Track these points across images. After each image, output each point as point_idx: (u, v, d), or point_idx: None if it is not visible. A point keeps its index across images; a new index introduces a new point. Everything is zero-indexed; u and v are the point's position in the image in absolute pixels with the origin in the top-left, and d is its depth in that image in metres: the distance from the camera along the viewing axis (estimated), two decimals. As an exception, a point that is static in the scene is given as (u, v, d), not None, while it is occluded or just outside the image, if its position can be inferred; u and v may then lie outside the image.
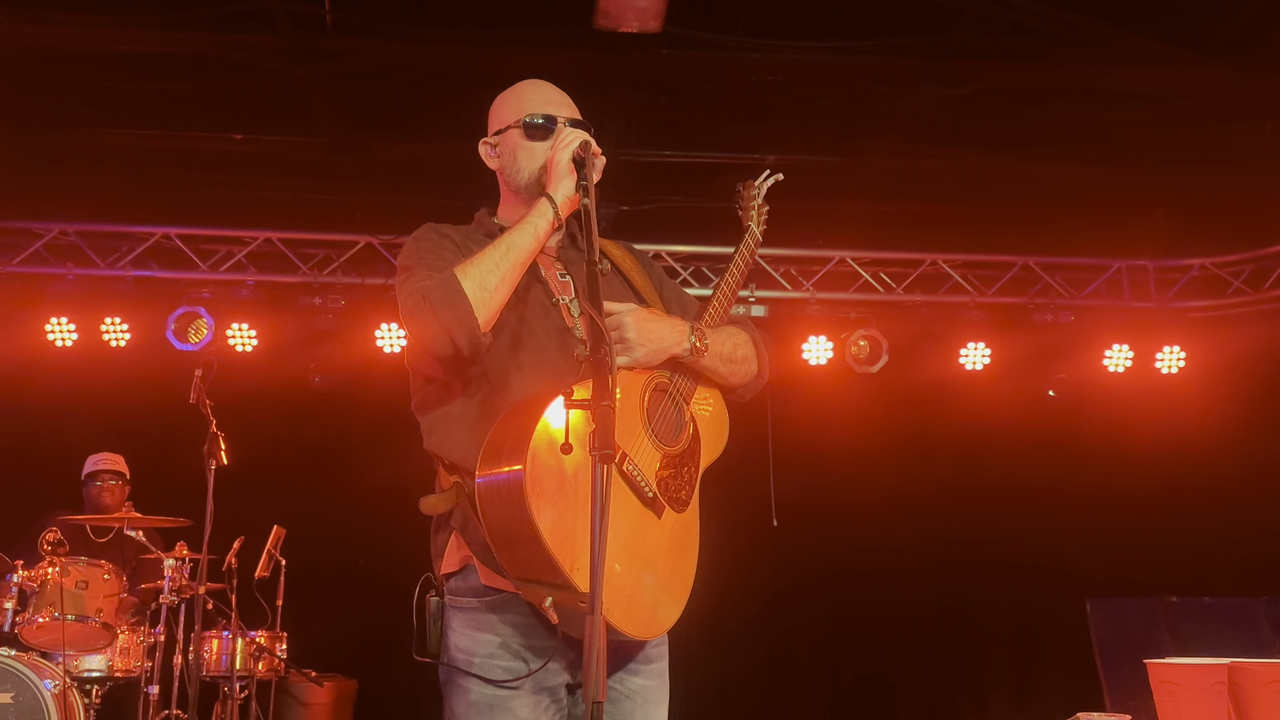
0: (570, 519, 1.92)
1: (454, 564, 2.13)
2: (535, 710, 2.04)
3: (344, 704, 6.07)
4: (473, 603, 2.09)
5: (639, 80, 5.17)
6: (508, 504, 1.91)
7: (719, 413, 2.30)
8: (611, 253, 2.38)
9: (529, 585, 1.94)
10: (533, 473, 1.89)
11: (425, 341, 2.03)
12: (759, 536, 6.21)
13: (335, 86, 5.24)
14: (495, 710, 2.03)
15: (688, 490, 2.15)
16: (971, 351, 6.53)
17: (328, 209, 6.41)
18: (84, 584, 4.88)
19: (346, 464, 6.37)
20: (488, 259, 2.05)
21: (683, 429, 2.19)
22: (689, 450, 2.18)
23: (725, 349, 2.26)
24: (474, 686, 2.04)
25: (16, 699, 4.38)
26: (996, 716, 6.16)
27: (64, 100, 5.44)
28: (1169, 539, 6.27)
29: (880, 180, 6.04)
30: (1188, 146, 5.70)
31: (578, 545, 1.90)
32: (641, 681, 2.16)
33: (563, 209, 2.12)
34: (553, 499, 1.91)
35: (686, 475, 2.16)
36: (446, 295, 2.00)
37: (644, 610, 2.02)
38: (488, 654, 2.06)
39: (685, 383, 2.22)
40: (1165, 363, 6.52)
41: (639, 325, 2.12)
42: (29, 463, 6.23)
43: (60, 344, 6.23)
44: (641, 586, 2.02)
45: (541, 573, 1.91)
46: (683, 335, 2.17)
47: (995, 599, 6.66)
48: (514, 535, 1.93)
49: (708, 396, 2.28)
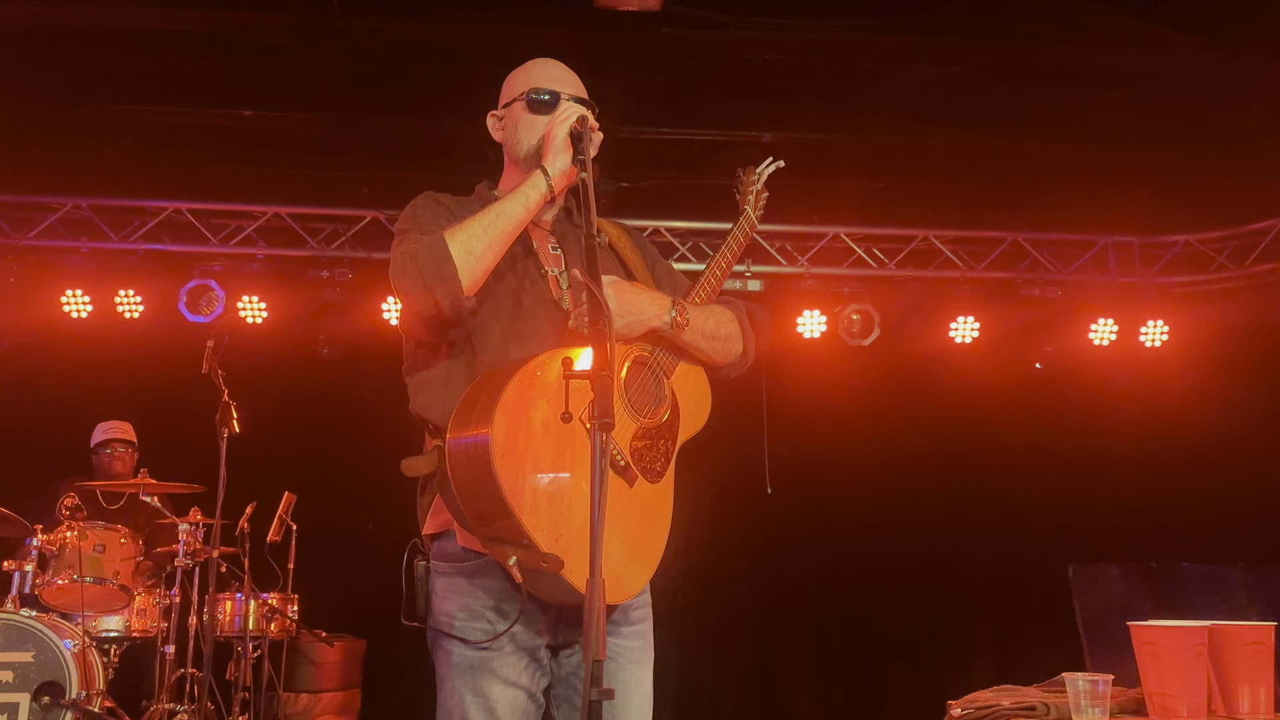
0: (534, 483, 1.94)
1: (434, 526, 2.18)
2: (517, 670, 2.09)
3: (354, 663, 6.17)
4: (453, 569, 2.13)
5: (639, 58, 5.19)
6: (474, 465, 1.94)
7: (700, 390, 2.30)
8: (606, 230, 2.40)
9: (495, 545, 1.97)
10: (497, 435, 1.91)
11: (410, 301, 2.07)
12: (753, 503, 6.34)
13: (342, 64, 5.28)
14: (477, 670, 2.08)
15: (663, 463, 2.16)
16: (961, 325, 6.64)
17: (335, 184, 6.47)
18: (101, 547, 5.00)
19: (354, 432, 6.47)
20: (477, 224, 2.07)
21: (661, 403, 2.19)
22: (667, 424, 2.19)
23: (708, 326, 2.26)
24: (455, 648, 2.10)
25: (38, 658, 4.47)
26: (981, 678, 6.28)
27: (76, 77, 5.47)
28: (1149, 508, 6.39)
29: (874, 157, 6.09)
30: (1174, 126, 5.76)
31: (540, 507, 1.94)
32: (624, 643, 2.19)
33: (556, 182, 2.14)
34: (518, 463, 1.93)
35: (662, 448, 2.16)
36: (433, 256, 2.03)
37: (610, 574, 1.96)
38: (467, 617, 2.10)
39: (667, 357, 2.24)
40: (1149, 337, 6.62)
41: (619, 296, 2.13)
42: (47, 430, 6.31)
43: (76, 315, 6.31)
44: (608, 551, 1.97)
45: (506, 534, 1.94)
46: (663, 309, 2.18)
47: (981, 565, 6.77)
48: (480, 495, 1.95)
49: (690, 373, 2.28)
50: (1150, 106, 5.60)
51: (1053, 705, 2.53)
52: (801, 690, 6.80)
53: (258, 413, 5.34)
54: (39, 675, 4.44)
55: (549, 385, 2.00)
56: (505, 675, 2.08)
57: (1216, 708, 2.56)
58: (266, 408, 5.68)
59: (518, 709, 2.09)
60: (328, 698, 6.01)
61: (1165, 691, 2.47)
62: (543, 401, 1.99)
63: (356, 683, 6.23)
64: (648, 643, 2.26)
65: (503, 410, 1.93)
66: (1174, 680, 2.46)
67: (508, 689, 2.08)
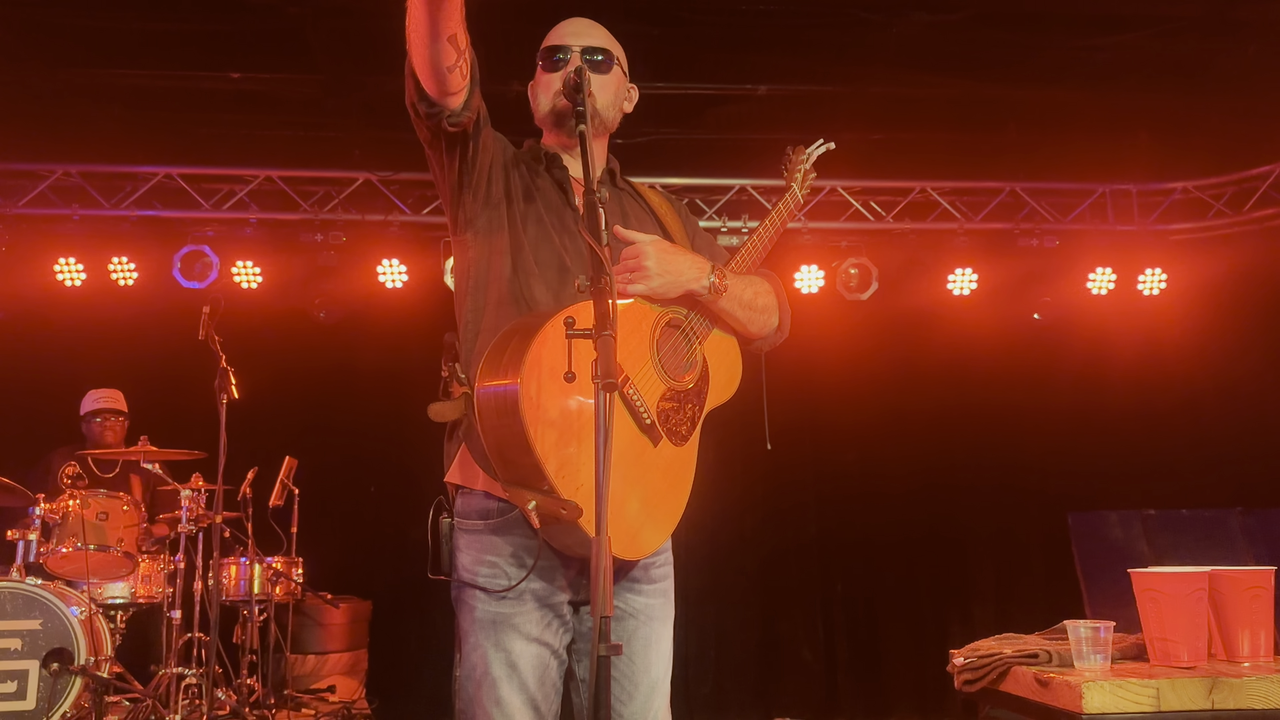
0: (559, 431, 1.96)
1: (459, 477, 2.19)
2: (539, 626, 2.10)
3: (359, 623, 6.23)
4: (478, 524, 2.15)
5: (630, 11, 5.12)
6: (503, 414, 1.95)
7: (732, 360, 2.30)
8: (649, 196, 2.42)
9: (516, 489, 1.99)
10: (526, 385, 1.92)
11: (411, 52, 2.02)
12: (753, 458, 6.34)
13: (330, 23, 5.21)
14: (499, 625, 2.09)
15: (688, 426, 2.17)
16: (959, 277, 6.62)
17: (326, 146, 6.40)
18: (104, 515, 5.03)
19: (353, 395, 6.49)
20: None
21: (692, 367, 2.20)
22: (695, 389, 2.19)
23: (746, 295, 2.26)
24: (479, 603, 2.11)
25: (45, 625, 4.53)
26: (982, 625, 6.36)
27: (63, 41, 5.39)
28: (1148, 456, 6.43)
29: (870, 109, 6.03)
30: (1172, 70, 5.70)
31: (564, 454, 1.95)
32: (645, 600, 2.21)
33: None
34: (545, 412, 1.95)
35: (689, 412, 2.17)
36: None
37: (626, 530, 2.03)
38: (491, 572, 2.11)
39: (701, 323, 2.23)
40: (1147, 285, 6.61)
41: (659, 255, 2.13)
42: (43, 400, 6.30)
43: (69, 284, 6.29)
44: (626, 507, 2.03)
45: (528, 477, 1.96)
46: (702, 272, 2.18)
47: (980, 514, 6.81)
48: (506, 441, 1.97)
49: (722, 342, 2.28)
50: (1148, 51, 5.55)
51: (1055, 652, 2.55)
52: (804, 640, 6.87)
53: (256, 378, 5.36)
54: (47, 642, 4.50)
55: (580, 345, 1.99)
56: (527, 631, 2.09)
57: (1217, 652, 2.59)
58: (265, 373, 5.69)
59: (540, 664, 2.10)
60: (334, 658, 6.08)
61: (1166, 636, 2.50)
62: (562, 358, 1.98)
63: (363, 643, 6.30)
64: (668, 600, 2.27)
65: (532, 361, 1.95)
66: (1175, 625, 2.49)
67: (530, 644, 2.09)
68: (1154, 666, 2.50)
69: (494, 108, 2.27)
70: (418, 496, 2.26)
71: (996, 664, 2.63)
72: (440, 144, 2.17)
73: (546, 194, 2.27)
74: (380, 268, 6.41)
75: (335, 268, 6.39)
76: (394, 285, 6.40)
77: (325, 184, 6.44)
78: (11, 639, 4.49)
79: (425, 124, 2.13)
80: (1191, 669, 2.43)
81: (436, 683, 6.08)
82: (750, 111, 6.05)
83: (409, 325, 6.16)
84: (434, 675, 6.16)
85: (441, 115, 2.08)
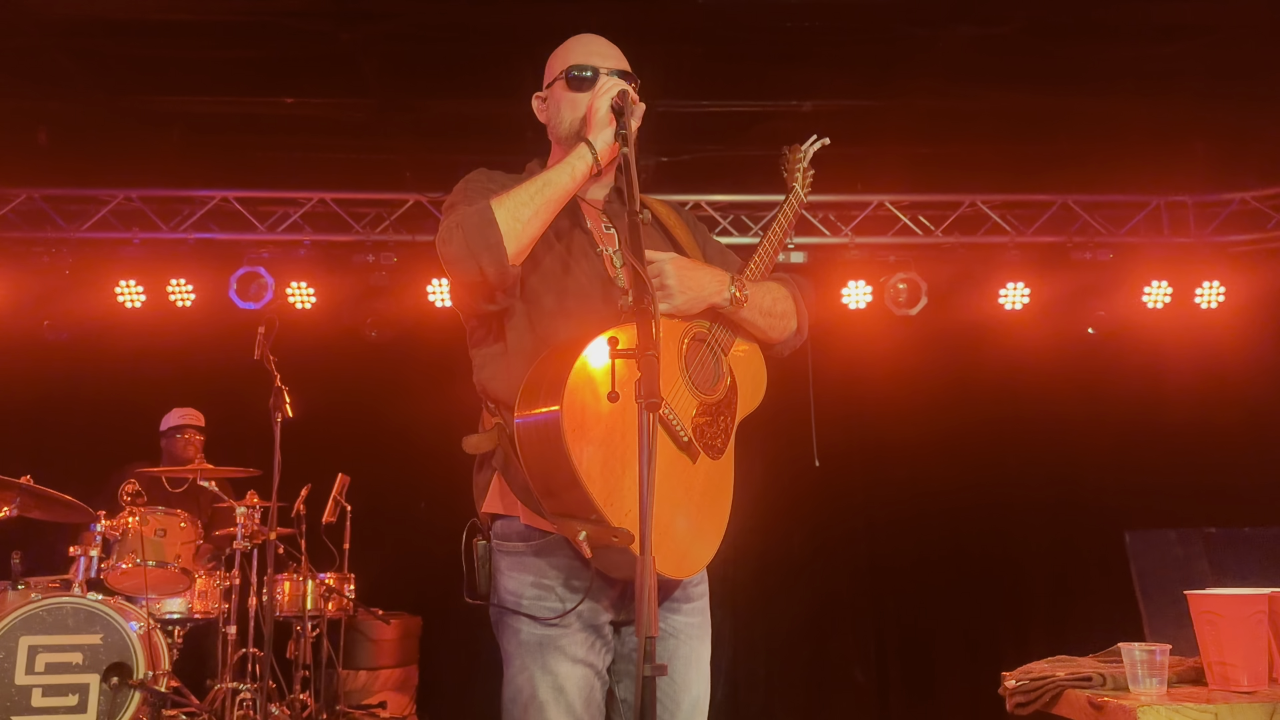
0: (603, 457, 1.95)
1: (497, 506, 2.18)
2: (585, 648, 2.10)
3: (410, 639, 6.28)
4: (519, 546, 2.14)
5: (675, 30, 5.14)
6: (545, 443, 1.95)
7: (757, 367, 2.33)
8: (656, 208, 2.40)
9: (564, 520, 1.98)
10: (569, 412, 1.92)
11: (456, 269, 2.05)
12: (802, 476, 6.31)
13: (381, 48, 5.30)
14: (546, 648, 2.08)
15: (723, 439, 2.17)
16: (1011, 291, 6.54)
17: (378, 169, 6.50)
18: (163, 532, 5.11)
19: (404, 413, 6.55)
20: (523, 193, 2.07)
21: (720, 379, 2.21)
22: (726, 400, 2.20)
23: (765, 302, 2.28)
24: (524, 626, 2.10)
25: (105, 639, 4.57)
26: (1037, 647, 6.24)
27: (122, 69, 5.54)
28: (1207, 473, 6.27)
29: (918, 122, 5.99)
30: (1227, 79, 5.59)
31: (610, 482, 1.95)
32: (684, 619, 2.22)
33: (602, 155, 2.12)
34: (588, 438, 1.94)
35: (722, 424, 2.18)
36: (479, 223, 2.02)
37: (675, 550, 2.05)
38: (535, 595, 2.10)
39: (724, 334, 2.25)
40: (1204, 298, 6.48)
41: (679, 273, 2.14)
42: (106, 419, 6.48)
43: (130, 305, 6.44)
44: (674, 527, 2.05)
45: (575, 508, 1.95)
46: (723, 285, 2.19)
47: (1035, 533, 6.70)
48: (550, 472, 1.96)
49: (746, 350, 2.31)
50: (1204, 61, 5.45)
51: (1109, 675, 2.50)
52: (856, 659, 6.80)
53: (310, 397, 5.42)
54: (107, 657, 4.56)
55: (619, 366, 1.99)
56: (573, 653, 2.09)
57: (1278, 676, 2.52)
58: (318, 391, 5.76)
59: (586, 686, 2.09)
60: (386, 674, 6.12)
61: (1225, 660, 2.44)
62: (603, 380, 1.98)
63: (414, 659, 6.34)
64: (706, 619, 2.28)
65: (572, 388, 1.94)
66: (1234, 649, 2.42)
67: (576, 666, 2.09)
68: (1212, 691, 2.44)
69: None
70: (468, 514, 2.28)
71: (1049, 687, 2.59)
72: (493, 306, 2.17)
73: (558, 220, 2.24)
74: (430, 287, 6.49)
75: (387, 288, 6.48)
76: (444, 304, 6.47)
77: (377, 205, 6.54)
78: (73, 653, 4.57)
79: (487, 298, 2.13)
80: (1251, 694, 2.36)
81: (486, 698, 6.07)
82: (795, 128, 5.98)
83: (459, 344, 6.17)
84: (484, 691, 6.19)
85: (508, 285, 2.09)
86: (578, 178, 2.12)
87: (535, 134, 2.43)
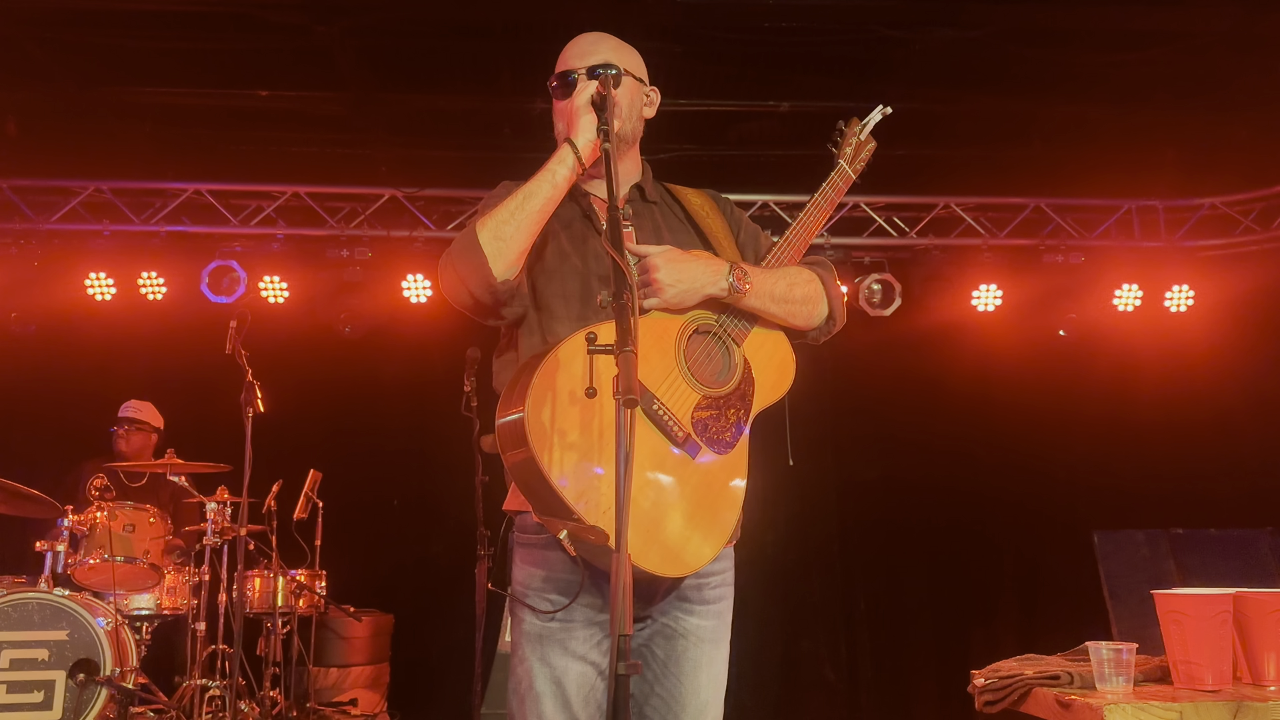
0: (578, 456, 1.95)
1: (515, 502, 2.18)
2: (587, 644, 2.09)
3: (382, 637, 6.24)
4: (531, 539, 2.15)
5: (653, 29, 5.14)
6: (516, 444, 1.96)
7: (780, 356, 2.24)
8: (688, 198, 2.38)
9: (548, 519, 1.97)
10: (533, 413, 1.92)
11: (450, 295, 2.12)
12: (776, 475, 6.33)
13: (357, 41, 5.28)
14: (545, 641, 2.09)
15: (732, 432, 2.10)
16: (983, 293, 6.59)
17: (352, 163, 6.47)
18: (131, 527, 5.06)
19: (377, 410, 6.53)
20: (504, 210, 2.07)
21: (731, 371, 2.15)
22: (738, 391, 2.14)
23: (777, 289, 2.20)
24: (527, 617, 2.12)
25: (72, 635, 4.54)
26: (1005, 645, 6.29)
27: (93, 60, 5.48)
28: (1175, 474, 6.35)
29: (893, 125, 6.02)
30: (1199, 86, 5.65)
31: (585, 480, 1.94)
32: (698, 621, 2.17)
33: (585, 154, 2.11)
34: (560, 438, 1.94)
35: (731, 417, 2.11)
36: (463, 248, 2.07)
37: (667, 547, 2.00)
38: (539, 587, 2.12)
39: (736, 324, 2.18)
40: (1174, 302, 6.56)
41: (669, 265, 2.09)
42: (73, 413, 6.38)
43: (100, 298, 6.38)
44: (664, 524, 2.00)
45: (553, 508, 1.95)
46: (718, 274, 2.12)
47: (1005, 533, 6.75)
48: (526, 473, 1.97)
49: (768, 339, 2.22)
50: (1175, 67, 5.50)
51: (1076, 674, 2.53)
52: (827, 658, 6.83)
53: (282, 392, 5.39)
54: (74, 653, 4.52)
55: (587, 362, 1.98)
56: (573, 649, 2.08)
57: (1242, 675, 2.55)
58: (290, 387, 5.73)
59: (585, 682, 2.08)
60: (357, 671, 6.09)
61: (1190, 659, 2.46)
62: (580, 378, 1.97)
63: (385, 656, 6.31)
64: (722, 622, 2.22)
65: (536, 388, 1.94)
66: (1199, 648, 2.45)
67: (575, 662, 2.08)
68: (1177, 689, 2.47)
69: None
70: (440, 510, 2.28)
71: (1018, 685, 2.61)
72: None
73: (570, 223, 2.26)
74: (405, 283, 6.46)
75: (361, 283, 6.44)
76: (418, 300, 6.45)
77: (351, 200, 6.50)
78: (39, 649, 4.52)
79: (490, 313, 2.16)
80: (1216, 693, 2.40)
81: (458, 697, 6.08)
82: (773, 128, 6.06)
83: (433, 340, 6.20)
84: (455, 689, 6.17)
85: (503, 299, 2.12)
86: (559, 182, 2.11)
87: (512, 129, 2.44)
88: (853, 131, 2.45)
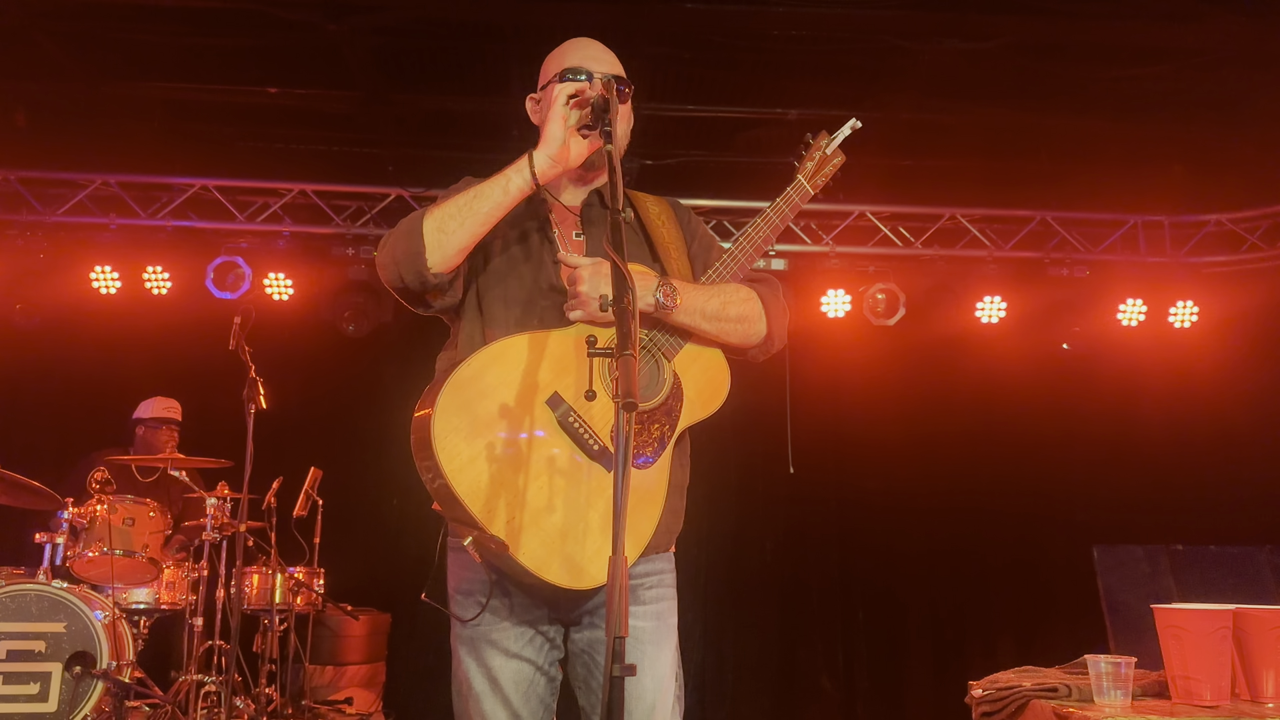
0: (481, 465, 1.94)
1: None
2: (519, 643, 2.11)
3: (378, 636, 6.25)
4: (456, 541, 2.15)
5: (663, 35, 5.16)
6: (424, 447, 1.95)
7: (712, 373, 2.20)
8: (645, 205, 2.35)
9: (457, 525, 1.98)
10: (440, 417, 1.91)
11: (381, 273, 2.13)
12: (776, 483, 6.35)
13: (367, 41, 5.29)
14: (478, 642, 2.11)
15: (654, 446, 2.08)
16: (987, 305, 6.57)
17: (360, 162, 6.48)
18: (131, 521, 5.05)
19: (379, 409, 6.49)
20: (453, 204, 2.07)
21: (659, 385, 2.12)
22: (663, 407, 2.11)
23: (709, 306, 2.16)
24: (455, 623, 2.15)
25: (69, 628, 4.52)
26: (1004, 658, 6.28)
27: (104, 53, 5.50)
28: (1177, 490, 6.34)
29: (901, 135, 6.02)
30: (1206, 101, 5.66)
31: (490, 489, 1.93)
32: (635, 623, 2.14)
33: (543, 171, 2.08)
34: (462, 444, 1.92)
35: (655, 432, 2.09)
36: (405, 232, 2.07)
37: (571, 560, 1.97)
38: (466, 591, 2.14)
39: (668, 340, 2.15)
40: (1178, 317, 6.54)
41: (594, 277, 2.06)
42: (78, 405, 6.40)
43: (105, 291, 6.37)
44: (571, 536, 1.98)
45: (458, 513, 1.94)
46: (645, 290, 2.07)
47: (1006, 546, 6.74)
48: (433, 476, 1.96)
49: (700, 355, 2.19)
50: (1184, 82, 5.51)
51: (1074, 687, 2.52)
52: (824, 668, 6.82)
53: (284, 389, 5.39)
54: (70, 645, 4.51)
55: (511, 367, 1.99)
56: (507, 647, 2.11)
57: (1240, 691, 2.55)
58: (293, 384, 5.74)
59: (522, 680, 2.12)
60: (353, 670, 6.09)
61: (1189, 674, 2.46)
62: (501, 386, 1.97)
63: (381, 655, 6.31)
64: (663, 623, 2.18)
65: (446, 394, 1.93)
66: (1198, 663, 2.45)
67: (510, 660, 2.11)
68: (1175, 704, 2.47)
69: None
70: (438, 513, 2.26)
71: (1015, 697, 2.61)
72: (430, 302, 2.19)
73: (525, 230, 2.23)
74: (409, 283, 6.44)
75: (365, 282, 6.44)
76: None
77: (358, 199, 6.50)
78: (36, 641, 4.51)
79: (416, 301, 2.18)
80: (1214, 708, 2.39)
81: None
82: (780, 135, 6.06)
83: (435, 342, 6.18)
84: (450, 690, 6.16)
85: (430, 291, 2.14)
86: (511, 192, 2.09)
87: (520, 131, 2.44)
88: (818, 146, 2.39)
